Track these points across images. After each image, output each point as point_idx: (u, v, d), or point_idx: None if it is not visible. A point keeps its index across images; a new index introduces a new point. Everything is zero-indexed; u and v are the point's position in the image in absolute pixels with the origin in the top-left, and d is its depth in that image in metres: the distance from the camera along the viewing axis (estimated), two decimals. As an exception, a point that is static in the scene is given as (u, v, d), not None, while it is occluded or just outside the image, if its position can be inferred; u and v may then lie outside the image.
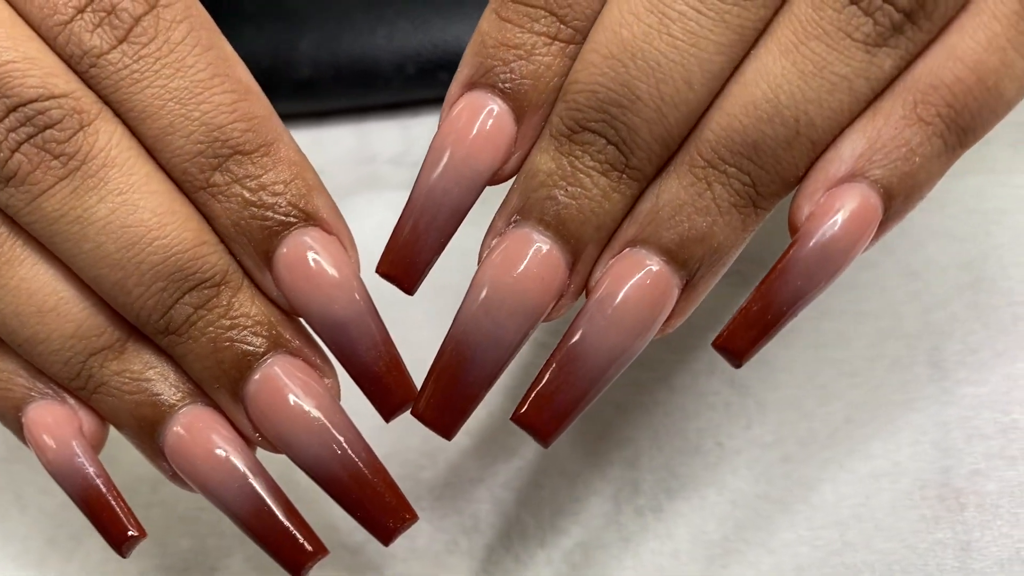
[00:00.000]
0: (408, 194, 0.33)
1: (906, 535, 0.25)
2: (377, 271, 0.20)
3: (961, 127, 0.19)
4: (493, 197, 0.21)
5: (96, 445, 0.21)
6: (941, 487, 0.25)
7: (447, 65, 0.35)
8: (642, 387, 0.28)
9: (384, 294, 0.22)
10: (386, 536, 0.20)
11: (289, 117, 0.35)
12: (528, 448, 0.27)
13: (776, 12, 0.18)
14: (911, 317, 0.28)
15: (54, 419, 0.21)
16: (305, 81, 0.34)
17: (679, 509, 0.26)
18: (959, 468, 0.25)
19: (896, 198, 0.19)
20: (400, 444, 0.27)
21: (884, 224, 0.19)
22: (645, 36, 0.18)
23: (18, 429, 0.21)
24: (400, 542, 0.27)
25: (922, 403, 0.26)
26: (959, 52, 0.18)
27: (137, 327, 0.20)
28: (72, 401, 0.21)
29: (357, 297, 0.20)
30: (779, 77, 0.18)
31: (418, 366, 0.21)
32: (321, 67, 0.34)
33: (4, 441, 0.30)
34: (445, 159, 0.19)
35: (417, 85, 0.34)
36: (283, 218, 0.20)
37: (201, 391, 0.21)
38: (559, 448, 0.27)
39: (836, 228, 0.18)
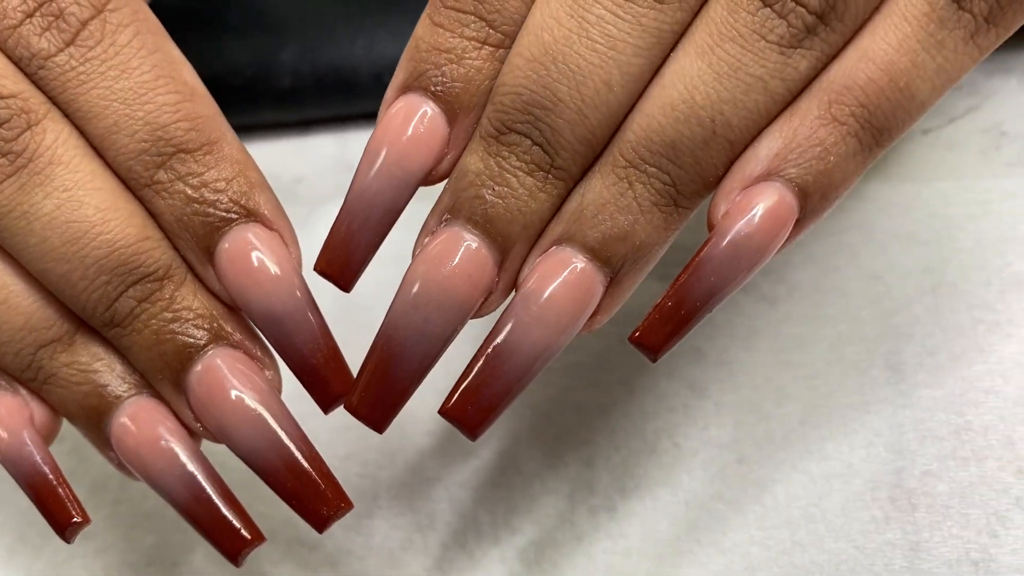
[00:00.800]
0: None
1: (855, 535, 0.25)
2: (314, 269, 0.21)
3: (876, 127, 0.19)
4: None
5: (48, 435, 0.22)
6: (893, 488, 0.25)
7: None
8: (601, 388, 0.28)
9: (354, 298, 0.23)
10: (320, 524, 0.21)
11: (271, 126, 0.36)
12: (486, 448, 0.28)
13: (694, 16, 0.19)
14: (871, 321, 0.28)
15: (6, 409, 0.21)
16: (287, 91, 0.35)
17: (632, 509, 0.26)
18: (912, 469, 0.25)
19: (812, 197, 0.19)
20: (360, 444, 0.28)
21: (801, 222, 0.19)
22: (565, 40, 0.19)
23: None
24: (356, 539, 0.27)
25: (878, 405, 0.26)
26: (871, 53, 0.19)
27: (84, 320, 0.21)
28: (24, 392, 0.22)
29: (297, 292, 0.21)
30: (695, 78, 0.19)
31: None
32: (302, 77, 0.35)
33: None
34: (379, 161, 0.20)
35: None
36: (224, 214, 0.20)
37: (146, 382, 0.21)
38: (517, 448, 0.28)
39: (750, 226, 0.19)
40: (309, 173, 0.36)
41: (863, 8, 0.18)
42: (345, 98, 0.35)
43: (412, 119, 0.20)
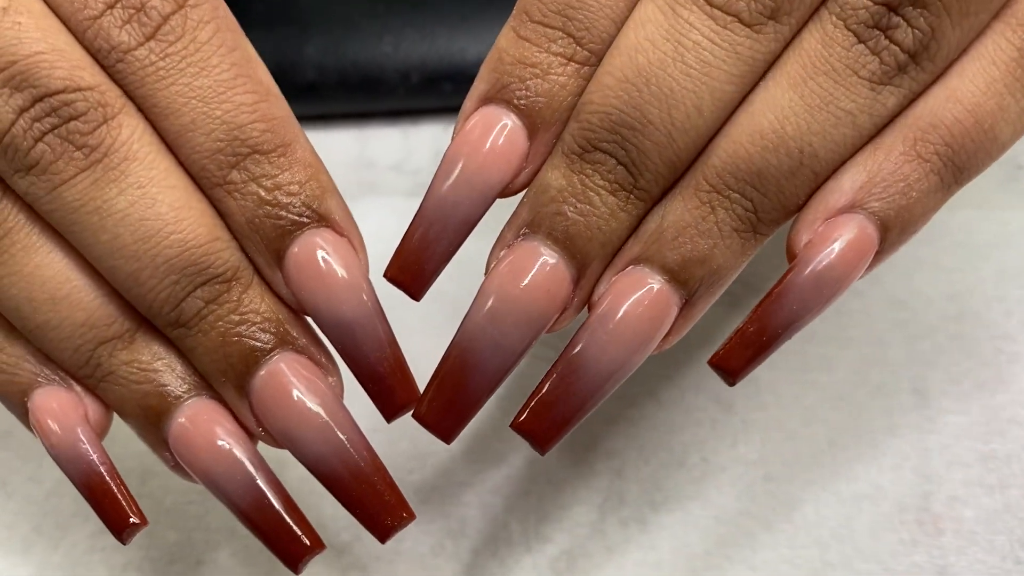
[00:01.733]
0: (406, 200, 0.34)
1: (884, 557, 0.25)
2: (385, 276, 0.21)
3: (957, 166, 0.19)
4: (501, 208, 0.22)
5: (100, 433, 0.21)
6: (920, 512, 0.26)
7: (451, 76, 0.35)
8: (630, 401, 0.28)
9: (382, 298, 0.23)
10: (383, 533, 0.21)
11: (292, 119, 0.35)
12: (517, 455, 0.28)
13: (786, 46, 0.19)
14: (896, 345, 0.29)
15: (59, 405, 0.21)
16: (310, 85, 0.35)
17: (663, 522, 0.27)
18: (938, 494, 0.26)
19: (892, 231, 0.19)
20: (390, 448, 0.28)
21: (879, 255, 0.20)
22: (660, 63, 0.19)
23: (23, 414, 0.22)
24: (386, 543, 0.27)
25: (904, 430, 0.27)
26: (959, 94, 0.19)
27: (148, 319, 0.21)
28: (78, 388, 0.21)
29: (365, 298, 0.20)
30: (786, 109, 0.19)
31: (413, 372, 0.22)
32: (326, 72, 0.35)
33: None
34: (457, 171, 0.20)
35: (420, 94, 0.35)
36: (296, 218, 0.20)
37: (206, 384, 0.21)
38: (547, 457, 0.28)
39: (833, 256, 0.19)
40: (328, 168, 0.35)
41: (954, 49, 0.19)
42: (369, 95, 0.35)
43: (492, 131, 0.20)
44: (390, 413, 0.21)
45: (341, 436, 0.20)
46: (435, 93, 0.35)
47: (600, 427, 0.28)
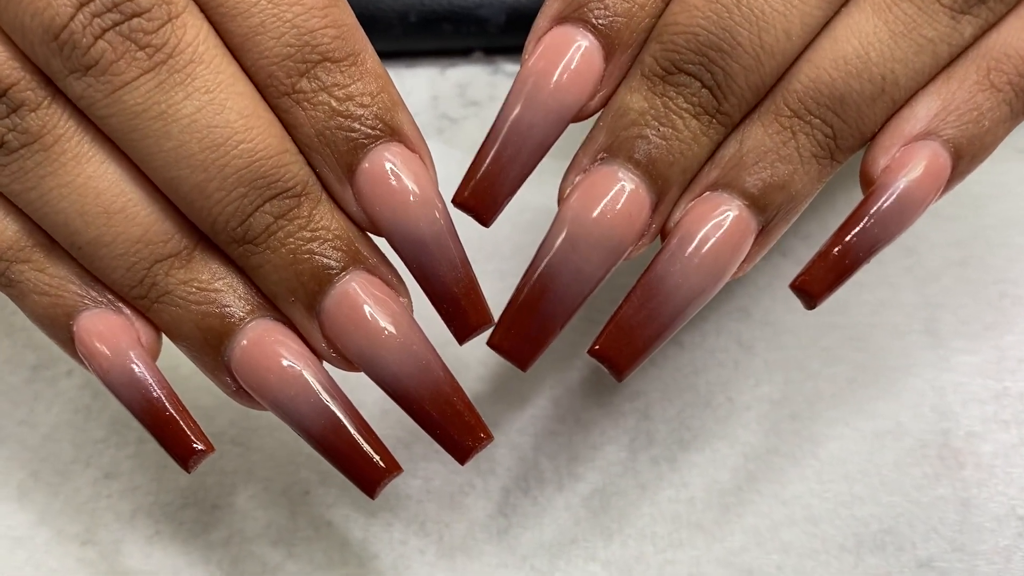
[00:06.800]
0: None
1: (909, 490, 0.26)
2: (454, 202, 0.20)
3: None
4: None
5: (152, 357, 0.20)
6: (941, 447, 0.27)
7: (449, 17, 0.34)
8: (655, 342, 0.28)
9: None
10: (463, 455, 0.20)
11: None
12: (542, 397, 0.28)
13: None
14: (907, 289, 0.29)
15: (109, 327, 0.20)
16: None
17: (693, 460, 0.27)
18: (957, 430, 0.27)
19: (964, 158, 0.20)
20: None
21: (950, 181, 0.20)
22: None
23: (68, 341, 0.20)
24: (413, 483, 0.27)
25: (920, 368, 0.28)
26: None
27: (208, 235, 0.20)
28: (128, 311, 0.20)
29: (438, 215, 0.20)
30: (871, 35, 0.19)
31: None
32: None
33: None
34: (535, 92, 0.19)
35: (418, 35, 0.34)
36: (369, 131, 0.19)
37: (269, 305, 0.20)
38: (573, 397, 0.28)
39: (911, 181, 0.19)
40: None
41: None
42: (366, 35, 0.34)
43: (567, 51, 0.19)
44: (464, 335, 0.20)
45: (420, 356, 0.20)
46: (433, 33, 0.35)
47: (623, 368, 0.28)
